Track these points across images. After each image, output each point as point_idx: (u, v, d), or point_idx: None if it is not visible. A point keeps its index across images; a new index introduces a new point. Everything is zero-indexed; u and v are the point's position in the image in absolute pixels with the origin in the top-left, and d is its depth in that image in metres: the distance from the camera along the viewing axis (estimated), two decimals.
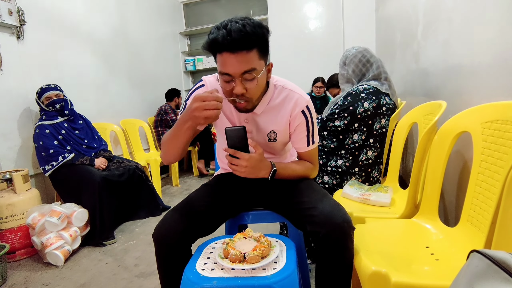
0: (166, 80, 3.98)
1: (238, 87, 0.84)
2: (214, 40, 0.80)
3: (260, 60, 0.84)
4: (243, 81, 0.84)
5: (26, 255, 1.90)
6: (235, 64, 0.81)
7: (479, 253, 0.43)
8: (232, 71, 0.82)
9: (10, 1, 2.10)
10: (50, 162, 2.03)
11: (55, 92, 2.15)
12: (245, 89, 0.85)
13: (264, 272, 0.76)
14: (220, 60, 0.83)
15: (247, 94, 0.87)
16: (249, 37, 0.79)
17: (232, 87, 0.85)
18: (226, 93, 0.90)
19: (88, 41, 2.79)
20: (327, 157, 1.61)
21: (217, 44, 0.80)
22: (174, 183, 3.38)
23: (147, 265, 1.72)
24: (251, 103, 0.91)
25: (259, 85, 0.88)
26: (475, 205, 0.86)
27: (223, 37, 0.78)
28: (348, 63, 1.65)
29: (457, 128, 0.97)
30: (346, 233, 0.81)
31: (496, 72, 0.98)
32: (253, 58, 0.82)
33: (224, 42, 0.78)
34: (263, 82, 0.91)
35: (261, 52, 0.84)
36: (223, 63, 0.82)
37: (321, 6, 3.78)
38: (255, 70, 0.83)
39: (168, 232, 0.87)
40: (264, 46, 0.85)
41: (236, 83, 0.84)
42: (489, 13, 1.02)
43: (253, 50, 0.81)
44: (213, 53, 0.85)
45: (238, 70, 0.82)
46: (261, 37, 0.82)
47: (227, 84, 0.86)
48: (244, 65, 0.81)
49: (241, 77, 0.83)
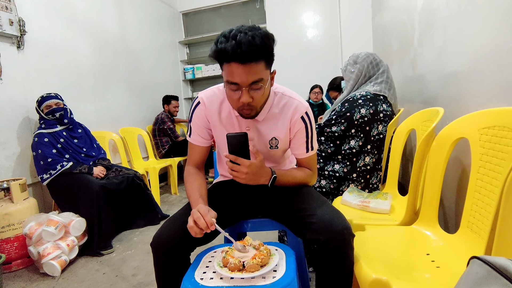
0: (165, 88, 4.00)
1: (245, 96, 0.85)
2: (223, 50, 0.80)
3: (266, 70, 0.87)
4: (250, 90, 0.86)
5: (22, 266, 1.87)
6: (244, 75, 0.82)
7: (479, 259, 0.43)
8: (240, 81, 0.83)
9: (11, 11, 2.12)
10: (48, 170, 2.02)
11: (55, 100, 2.15)
12: (252, 98, 0.87)
13: (264, 280, 0.75)
14: (228, 69, 0.84)
15: (253, 103, 0.88)
16: (258, 50, 0.80)
17: (239, 96, 0.86)
18: (232, 102, 0.91)
19: (87, 50, 2.82)
20: (324, 162, 1.62)
21: (226, 55, 0.80)
22: (173, 192, 3.37)
23: (145, 274, 1.70)
24: (255, 110, 0.93)
25: (264, 94, 0.90)
26: (475, 211, 0.86)
27: (233, 48, 0.79)
28: (360, 62, 1.69)
29: (454, 135, 0.98)
30: (346, 241, 0.81)
31: (492, 79, 0.99)
32: (261, 68, 0.84)
33: (234, 53, 0.79)
34: (268, 90, 0.93)
35: (267, 63, 0.86)
36: (231, 73, 0.83)
37: (319, 15, 3.84)
38: (262, 80, 0.86)
39: (167, 241, 0.87)
40: (271, 56, 0.87)
41: (243, 93, 0.85)
42: (484, 21, 1.03)
43: (260, 61, 0.83)
44: (220, 62, 0.86)
45: (246, 80, 0.83)
46: (269, 48, 0.84)
47: (234, 92, 0.87)
48: (252, 76, 0.83)
49: (248, 87, 0.85)
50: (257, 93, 0.87)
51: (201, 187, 0.99)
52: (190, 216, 0.84)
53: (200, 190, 0.98)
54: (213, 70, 4.39)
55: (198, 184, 1.00)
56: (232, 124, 1.02)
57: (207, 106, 1.01)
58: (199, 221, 0.81)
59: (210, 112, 1.02)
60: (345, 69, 1.77)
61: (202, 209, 0.84)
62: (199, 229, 0.81)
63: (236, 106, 0.91)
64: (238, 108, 0.91)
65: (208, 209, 0.87)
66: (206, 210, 0.84)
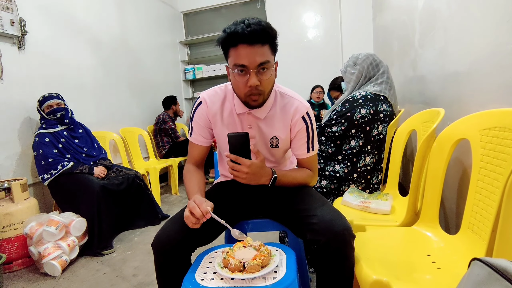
0: (166, 88, 4.00)
1: (253, 78, 0.87)
2: (233, 32, 0.84)
3: (271, 55, 0.89)
4: (257, 73, 0.87)
5: (23, 266, 1.87)
6: (251, 56, 0.84)
7: (480, 261, 0.43)
8: (248, 62, 0.85)
9: (12, 11, 2.13)
10: (49, 170, 2.03)
11: (57, 101, 2.16)
12: (259, 82, 0.88)
13: (264, 281, 0.75)
14: (235, 53, 0.86)
15: (261, 87, 0.89)
16: (265, 32, 0.85)
17: (246, 79, 0.88)
18: (240, 88, 0.91)
19: (88, 50, 2.82)
20: (325, 162, 1.62)
21: (236, 36, 0.83)
22: (174, 192, 3.37)
23: (145, 275, 1.70)
24: (262, 96, 0.93)
25: (271, 79, 0.92)
26: (476, 212, 0.86)
27: (242, 28, 0.83)
28: (359, 63, 1.69)
29: (455, 135, 0.98)
30: (347, 241, 0.81)
31: (493, 80, 0.99)
32: (267, 51, 0.87)
33: (244, 33, 0.82)
34: (274, 77, 0.95)
35: (272, 48, 0.89)
36: (239, 56, 0.85)
37: (319, 16, 3.84)
38: (269, 63, 0.88)
39: (168, 241, 0.87)
40: (275, 44, 0.90)
41: (251, 75, 0.87)
42: (484, 22, 1.03)
43: (266, 44, 0.86)
44: (227, 47, 0.88)
45: (254, 61, 0.85)
46: (274, 35, 0.88)
47: (242, 77, 0.88)
48: (260, 57, 0.85)
49: (256, 69, 0.86)
50: (265, 76, 0.88)
51: (199, 183, 1.01)
52: (186, 207, 0.85)
53: (199, 184, 1.00)
54: (214, 70, 4.40)
55: (197, 180, 1.02)
56: (234, 123, 1.02)
57: (209, 105, 1.02)
58: (194, 210, 0.82)
59: (212, 111, 1.02)
60: (345, 70, 1.76)
61: (197, 199, 0.86)
62: (195, 219, 0.82)
63: (244, 91, 0.91)
64: (245, 94, 0.91)
65: (204, 200, 0.88)
66: (201, 200, 0.86)
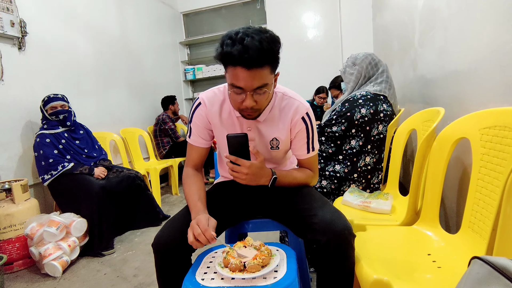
0: (166, 89, 4.00)
1: (248, 100, 0.85)
2: (229, 54, 0.78)
3: (271, 74, 0.85)
4: (254, 94, 0.85)
5: (23, 266, 1.87)
6: (249, 80, 0.81)
7: (480, 259, 0.43)
8: (245, 86, 0.82)
9: (12, 12, 2.13)
10: (49, 171, 2.03)
11: (61, 102, 2.17)
12: (255, 102, 0.86)
13: (265, 281, 0.75)
14: (232, 73, 0.82)
15: (256, 106, 0.88)
16: (265, 56, 0.79)
17: (242, 99, 0.86)
18: (235, 104, 0.91)
19: (89, 51, 2.82)
20: (325, 162, 1.62)
21: (232, 58, 0.79)
22: (174, 192, 3.37)
23: (146, 275, 1.70)
24: (258, 112, 0.93)
25: (268, 97, 0.90)
26: (476, 211, 0.86)
27: (239, 53, 0.77)
28: (358, 63, 1.68)
29: (455, 135, 0.98)
30: (347, 241, 0.81)
31: (492, 79, 0.99)
32: (266, 74, 0.83)
33: (241, 58, 0.77)
34: (272, 93, 0.93)
35: (273, 67, 0.85)
36: (236, 77, 0.82)
37: (319, 15, 3.84)
38: (267, 85, 0.85)
39: (168, 241, 0.87)
40: (277, 60, 0.85)
41: (247, 97, 0.85)
42: (484, 21, 1.03)
43: (266, 66, 0.81)
44: (225, 64, 0.84)
45: (251, 85, 0.82)
46: (276, 53, 0.83)
47: (237, 96, 0.86)
48: (257, 81, 0.82)
49: (252, 92, 0.84)
50: (261, 97, 0.87)
51: (199, 190, 0.99)
52: (190, 228, 0.83)
53: (199, 192, 0.97)
54: (214, 70, 4.40)
55: (196, 187, 0.99)
56: (233, 124, 1.02)
57: (208, 107, 1.01)
58: (200, 237, 0.80)
59: (211, 113, 1.01)
60: (344, 71, 1.76)
61: (201, 223, 0.82)
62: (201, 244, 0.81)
63: (238, 108, 0.91)
64: (240, 110, 0.91)
65: (208, 218, 0.86)
66: (205, 224, 0.83)
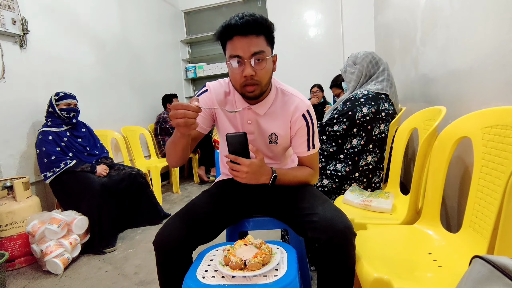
0: (167, 87, 4.00)
1: (248, 68, 0.88)
2: (227, 25, 0.87)
3: (267, 46, 0.91)
4: (253, 62, 0.88)
5: (25, 264, 1.88)
6: (245, 46, 0.86)
7: (481, 258, 0.43)
8: (242, 52, 0.87)
9: (14, 10, 2.13)
10: (51, 168, 2.03)
11: (75, 101, 2.21)
12: (254, 72, 0.89)
13: (265, 279, 0.75)
14: (230, 45, 0.89)
15: (256, 77, 0.90)
16: (259, 23, 0.87)
17: (242, 70, 0.88)
18: (236, 79, 0.92)
19: (90, 49, 2.82)
20: (326, 161, 1.62)
21: (231, 28, 0.86)
22: (175, 190, 3.38)
23: (147, 273, 1.70)
24: (259, 87, 0.92)
25: (267, 70, 0.92)
26: (477, 210, 0.86)
27: (236, 21, 0.86)
28: (359, 62, 1.67)
29: (457, 134, 0.97)
30: (348, 240, 0.81)
31: (494, 78, 0.99)
32: (262, 42, 0.89)
33: (237, 24, 0.85)
34: (270, 68, 0.95)
35: (268, 40, 0.91)
36: (234, 47, 0.88)
37: (321, 14, 3.83)
38: (264, 53, 0.89)
39: (169, 239, 0.87)
40: (271, 35, 0.92)
41: (246, 65, 0.88)
42: (486, 20, 1.03)
43: (261, 35, 0.88)
44: (224, 41, 0.90)
45: (248, 51, 0.87)
46: (269, 26, 0.90)
47: (237, 68, 0.89)
48: (253, 47, 0.87)
49: (250, 59, 0.87)
50: (260, 66, 0.89)
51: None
52: (172, 115, 0.79)
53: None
54: (215, 69, 4.39)
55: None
56: (234, 117, 1.03)
57: (214, 95, 1.02)
58: (189, 108, 0.78)
59: (217, 100, 1.02)
60: (344, 70, 1.75)
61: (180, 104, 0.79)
62: (190, 119, 0.78)
63: (240, 82, 0.91)
64: (241, 85, 0.92)
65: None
66: (183, 103, 0.80)
